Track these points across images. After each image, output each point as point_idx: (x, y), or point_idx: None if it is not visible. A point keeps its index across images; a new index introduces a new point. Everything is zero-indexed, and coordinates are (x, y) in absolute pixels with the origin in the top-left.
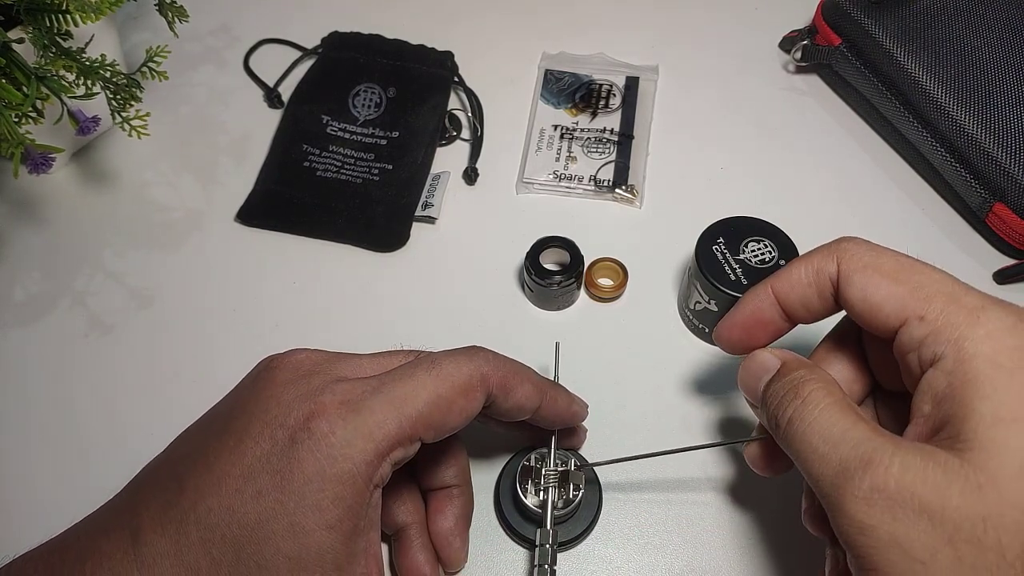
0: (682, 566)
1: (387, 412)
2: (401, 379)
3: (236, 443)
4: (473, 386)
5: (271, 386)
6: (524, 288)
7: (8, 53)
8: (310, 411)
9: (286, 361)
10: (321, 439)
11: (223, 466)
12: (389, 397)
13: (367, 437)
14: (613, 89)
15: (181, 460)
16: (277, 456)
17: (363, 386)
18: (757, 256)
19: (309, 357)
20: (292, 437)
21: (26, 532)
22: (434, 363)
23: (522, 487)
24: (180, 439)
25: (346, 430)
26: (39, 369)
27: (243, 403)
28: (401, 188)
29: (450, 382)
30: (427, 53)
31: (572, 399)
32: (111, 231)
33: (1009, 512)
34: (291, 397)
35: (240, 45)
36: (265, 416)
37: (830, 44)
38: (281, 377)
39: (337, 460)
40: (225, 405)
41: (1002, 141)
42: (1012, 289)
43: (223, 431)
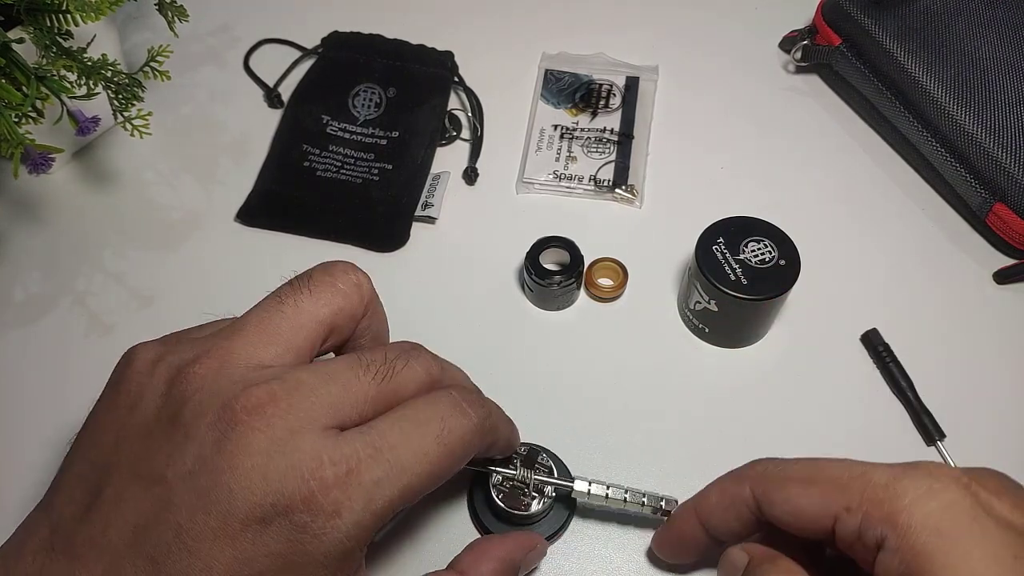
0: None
1: (392, 486)
2: (407, 445)
3: (220, 525)
4: (471, 452)
5: (248, 455)
6: (524, 288)
7: (8, 53)
8: (310, 489)
9: (258, 415)
10: (327, 520)
11: (210, 551)
12: (396, 469)
13: (370, 512)
14: (613, 89)
15: (140, 534)
16: (274, 539)
17: (365, 451)
18: (757, 256)
19: (279, 404)
20: (291, 519)
21: None
22: (443, 429)
23: (495, 488)
24: (113, 487)
25: (353, 511)
26: (39, 369)
27: (209, 470)
28: (401, 188)
29: (454, 452)
30: (427, 53)
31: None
32: (111, 231)
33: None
34: (280, 469)
35: (240, 45)
36: (250, 494)
37: (830, 44)
38: (257, 442)
39: (342, 541)
40: (174, 460)
41: (1002, 141)
42: (1012, 289)
43: (194, 506)
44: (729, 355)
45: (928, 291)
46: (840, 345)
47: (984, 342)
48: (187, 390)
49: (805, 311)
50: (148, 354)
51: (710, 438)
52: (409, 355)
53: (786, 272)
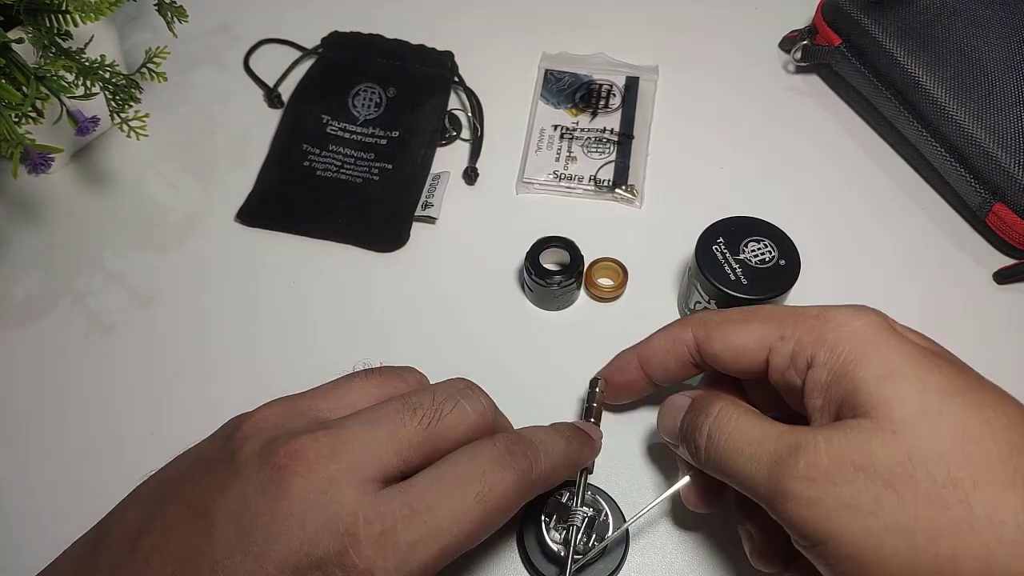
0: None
1: (428, 547)
2: (447, 504)
3: (255, 567)
4: (515, 507)
5: (287, 499)
6: (524, 288)
7: (8, 53)
8: (343, 545)
9: (299, 460)
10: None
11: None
12: (433, 530)
13: (404, 571)
14: (613, 89)
15: (181, 564)
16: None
17: (402, 512)
18: (757, 256)
19: (322, 452)
20: (324, 572)
21: (25, 532)
22: (483, 486)
23: (546, 520)
24: (161, 519)
25: (386, 571)
26: (39, 369)
27: (252, 511)
28: (401, 188)
29: (496, 509)
30: (427, 53)
31: (594, 449)
32: (111, 231)
33: (924, 445)
34: (318, 521)
35: (240, 45)
36: (288, 541)
37: (830, 44)
38: (297, 488)
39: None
40: (223, 499)
41: (1002, 141)
42: (1012, 289)
43: (234, 546)
44: None
45: (928, 291)
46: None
47: (984, 342)
48: (248, 431)
49: None
50: (240, 416)
51: None
52: (459, 396)
53: (786, 272)
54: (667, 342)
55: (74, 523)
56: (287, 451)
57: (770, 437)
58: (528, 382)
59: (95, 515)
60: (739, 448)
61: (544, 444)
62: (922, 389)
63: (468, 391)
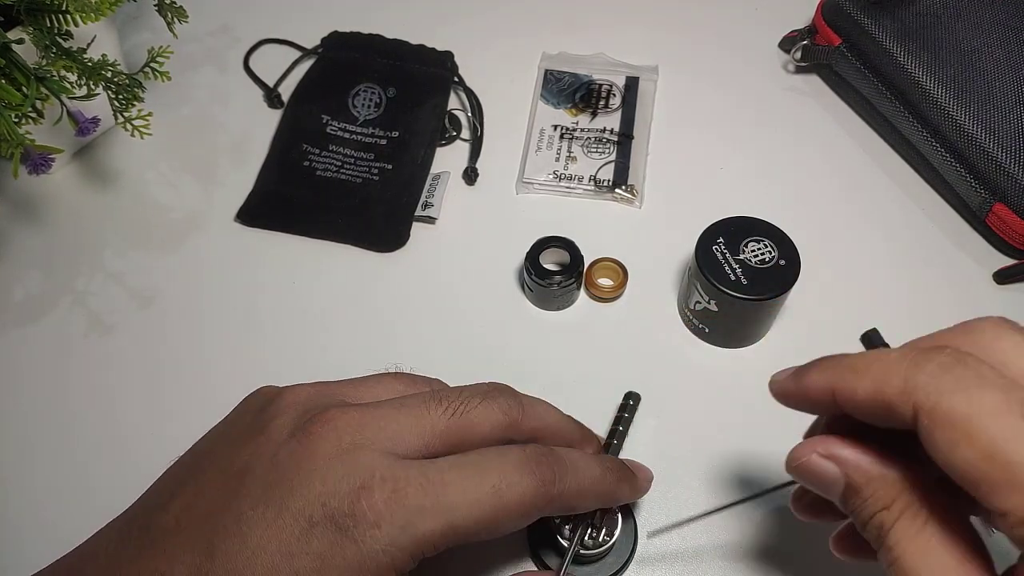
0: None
1: (437, 520)
2: (461, 486)
3: (275, 516)
4: (531, 514)
5: (314, 457)
6: (524, 288)
7: (8, 53)
8: (357, 496)
9: (326, 427)
10: (367, 529)
11: (259, 539)
12: (444, 506)
13: (410, 537)
14: (613, 89)
15: (208, 519)
16: (318, 538)
17: (417, 480)
18: (757, 256)
19: (350, 423)
20: (336, 522)
21: (25, 532)
22: (501, 482)
23: (557, 519)
24: (199, 480)
25: (392, 527)
26: (39, 369)
27: (280, 469)
28: (401, 188)
29: (509, 508)
30: (427, 53)
31: (637, 488)
32: (111, 231)
33: None
34: (337, 475)
35: (240, 45)
36: (308, 492)
37: (830, 44)
38: (324, 449)
39: (378, 553)
40: (254, 459)
41: (1002, 141)
42: (1012, 289)
43: (258, 498)
44: (729, 355)
45: (928, 291)
46: (840, 345)
47: None
48: (280, 407)
49: (805, 311)
50: (269, 388)
51: (711, 438)
52: (487, 395)
53: (786, 272)
54: (875, 406)
55: (75, 522)
56: (318, 419)
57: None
58: (528, 382)
59: (96, 514)
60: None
61: (575, 465)
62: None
63: (496, 391)
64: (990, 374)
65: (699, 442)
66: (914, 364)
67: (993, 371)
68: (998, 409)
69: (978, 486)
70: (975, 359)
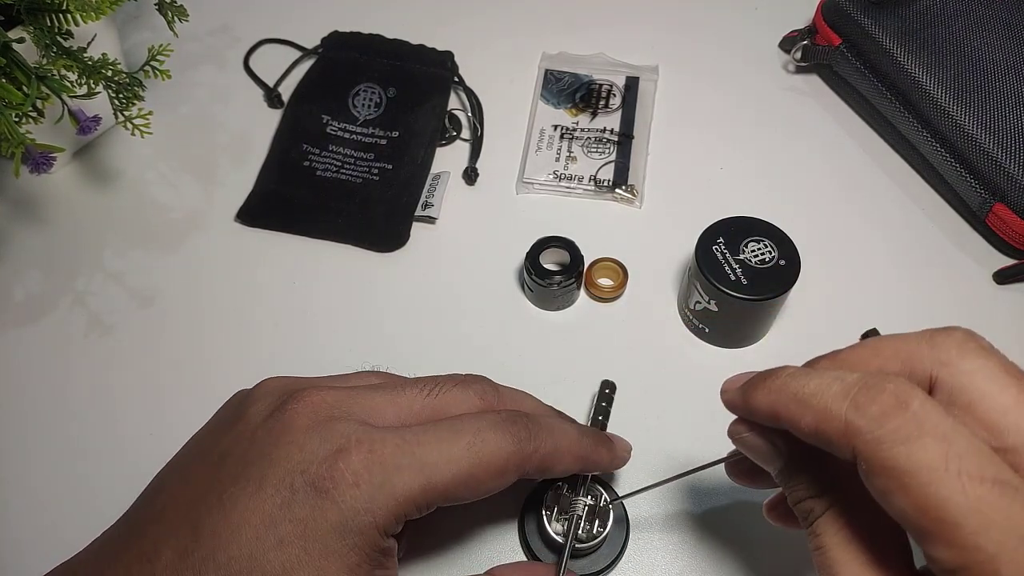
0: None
1: (415, 476)
2: (436, 444)
3: (256, 489)
4: (508, 470)
5: (291, 430)
6: (524, 288)
7: (8, 53)
8: (335, 460)
9: (302, 403)
10: (346, 490)
11: (242, 513)
12: (420, 462)
13: (390, 495)
14: (613, 89)
15: (193, 504)
16: (299, 504)
17: (393, 441)
18: (757, 256)
19: (325, 399)
20: (315, 485)
21: (25, 532)
22: (476, 438)
23: (547, 512)
24: (186, 471)
25: (371, 485)
26: (39, 369)
27: (259, 445)
28: (401, 188)
29: (486, 463)
30: (427, 53)
31: (614, 455)
32: (111, 231)
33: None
34: (314, 443)
35: (240, 45)
36: (286, 462)
37: (830, 44)
38: (300, 422)
39: (359, 513)
40: (234, 442)
41: (1002, 141)
42: (1012, 289)
43: (239, 475)
44: (729, 355)
45: (928, 291)
46: (840, 345)
47: None
48: (256, 396)
49: (805, 311)
50: (246, 389)
51: (711, 438)
52: (463, 381)
53: (786, 272)
54: (818, 441)
55: (75, 522)
56: (293, 398)
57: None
58: (528, 382)
59: (95, 514)
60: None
61: (551, 426)
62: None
63: (471, 378)
64: (931, 420)
65: (699, 442)
66: (855, 407)
67: (936, 412)
68: (934, 466)
69: (912, 531)
70: (920, 400)
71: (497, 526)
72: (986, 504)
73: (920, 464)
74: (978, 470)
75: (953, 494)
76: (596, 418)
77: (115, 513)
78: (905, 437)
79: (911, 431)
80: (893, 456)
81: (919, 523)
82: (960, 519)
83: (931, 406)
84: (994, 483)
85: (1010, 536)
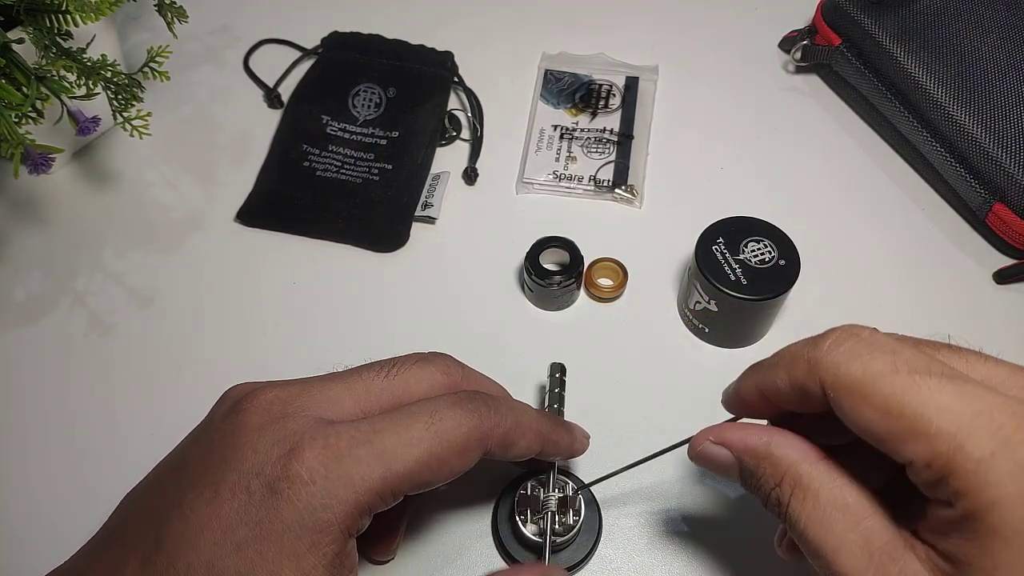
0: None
1: (373, 465)
2: (394, 430)
3: (213, 494)
4: (471, 447)
5: (244, 431)
6: (524, 288)
7: (8, 53)
8: (289, 459)
9: (255, 403)
10: (302, 487)
11: (200, 519)
12: (378, 450)
13: (349, 487)
14: (613, 89)
15: (156, 511)
16: (256, 506)
17: (349, 433)
18: (757, 256)
19: (279, 396)
20: (271, 486)
21: (25, 532)
22: (433, 418)
23: (520, 516)
24: (153, 481)
25: (328, 480)
26: (39, 369)
27: (216, 450)
28: (401, 188)
29: (447, 442)
30: (427, 53)
31: (574, 438)
32: (111, 231)
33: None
34: (267, 444)
35: (240, 45)
36: (241, 465)
37: (830, 44)
38: (254, 421)
39: (317, 510)
40: (195, 448)
41: (1002, 141)
42: (1012, 289)
43: (197, 481)
44: (729, 355)
45: (928, 291)
46: None
47: (984, 342)
48: (221, 399)
49: (805, 311)
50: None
51: None
52: (426, 358)
53: (786, 272)
54: (790, 389)
55: (74, 522)
56: (248, 399)
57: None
58: (528, 382)
59: (94, 514)
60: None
61: (509, 403)
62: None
63: (434, 355)
64: (879, 339)
65: None
66: (813, 345)
67: (883, 335)
68: (886, 370)
69: (884, 443)
70: (868, 330)
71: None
72: (939, 392)
73: (875, 373)
74: (926, 368)
75: (908, 391)
76: (552, 405)
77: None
78: (858, 355)
79: (862, 349)
80: (850, 373)
81: (887, 427)
82: (920, 409)
83: (879, 333)
84: (941, 376)
85: (965, 415)
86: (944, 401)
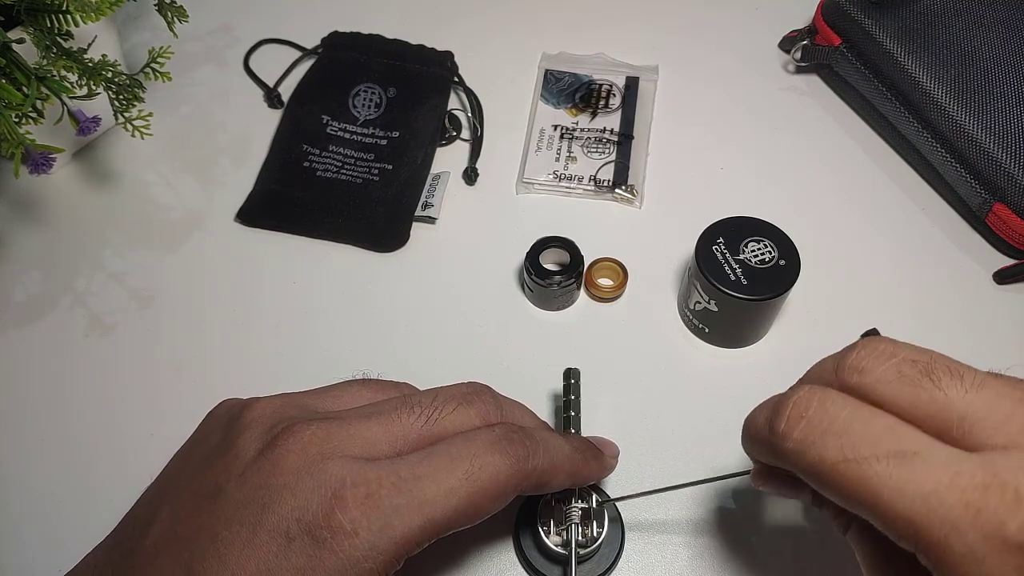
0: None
1: (414, 517)
2: (433, 478)
3: (250, 536)
4: (508, 493)
5: (282, 473)
6: (524, 288)
7: (8, 53)
8: (331, 507)
9: (292, 441)
10: (344, 539)
11: (238, 559)
12: (419, 500)
13: (389, 540)
14: (613, 89)
15: (185, 544)
16: (296, 554)
17: (389, 480)
18: (757, 256)
19: (316, 435)
20: (313, 535)
21: (25, 532)
22: (472, 464)
23: (543, 527)
24: (170, 503)
25: (371, 532)
26: (39, 369)
27: (251, 488)
28: (401, 188)
29: (485, 489)
30: (427, 53)
31: (604, 466)
32: (111, 231)
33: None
34: (307, 488)
35: (240, 45)
36: (280, 508)
37: (830, 44)
38: (291, 463)
39: (359, 561)
40: (223, 477)
41: (1002, 141)
42: (1012, 289)
43: (232, 519)
44: (729, 355)
45: (928, 291)
46: (840, 345)
47: (984, 342)
48: (246, 422)
49: (805, 311)
50: (233, 401)
51: (710, 438)
52: (464, 400)
53: (786, 272)
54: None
55: (74, 522)
56: (284, 432)
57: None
58: (528, 382)
59: (94, 514)
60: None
61: (546, 441)
62: None
63: (473, 395)
64: (828, 418)
65: (699, 442)
66: (770, 430)
67: (834, 407)
68: (836, 458)
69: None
70: (817, 401)
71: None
72: (887, 478)
73: (828, 461)
74: (872, 451)
75: (862, 478)
76: (569, 413)
77: (114, 513)
78: (811, 442)
79: (813, 435)
80: (808, 463)
81: (857, 510)
82: (876, 498)
83: (830, 403)
84: (890, 457)
85: (916, 499)
86: (897, 487)
